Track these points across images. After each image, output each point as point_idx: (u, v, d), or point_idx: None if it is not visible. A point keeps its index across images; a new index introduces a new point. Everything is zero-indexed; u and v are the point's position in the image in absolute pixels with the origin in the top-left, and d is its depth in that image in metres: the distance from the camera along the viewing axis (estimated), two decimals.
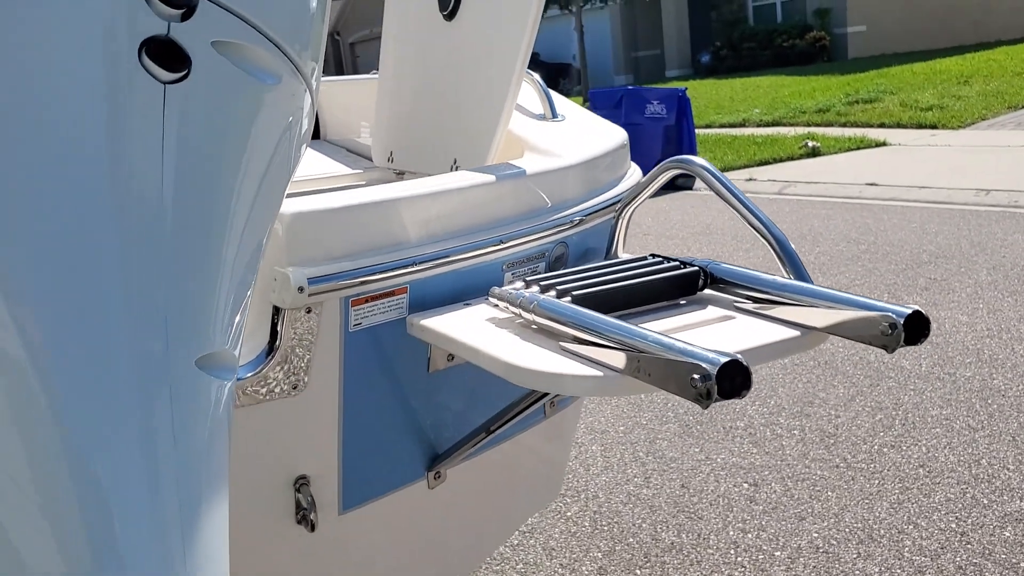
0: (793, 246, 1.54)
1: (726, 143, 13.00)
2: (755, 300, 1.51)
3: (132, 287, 0.79)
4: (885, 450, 3.86)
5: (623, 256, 1.90)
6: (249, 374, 1.49)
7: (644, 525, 3.48)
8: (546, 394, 1.67)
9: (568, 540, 3.43)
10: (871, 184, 9.64)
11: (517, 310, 1.50)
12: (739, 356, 1.12)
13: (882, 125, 13.21)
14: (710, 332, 1.42)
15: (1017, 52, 18.75)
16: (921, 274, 6.26)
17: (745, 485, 3.72)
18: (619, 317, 1.39)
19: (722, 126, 15.10)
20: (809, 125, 13.97)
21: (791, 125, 14.19)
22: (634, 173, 2.14)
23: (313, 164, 2.88)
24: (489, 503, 2.11)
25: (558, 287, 1.51)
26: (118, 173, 0.79)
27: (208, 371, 0.85)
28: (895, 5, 23.34)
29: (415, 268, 1.58)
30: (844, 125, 13.62)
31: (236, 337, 0.92)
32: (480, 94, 2.07)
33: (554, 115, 2.24)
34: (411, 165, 2.40)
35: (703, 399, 1.10)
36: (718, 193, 1.62)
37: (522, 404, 1.72)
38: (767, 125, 14.56)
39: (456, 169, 2.15)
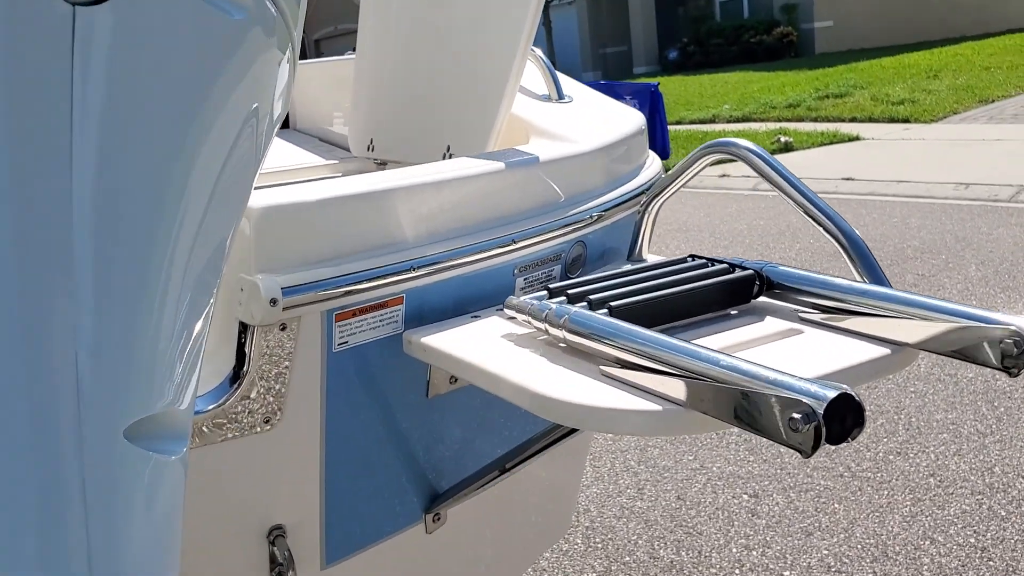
0: (866, 244, 1.29)
1: (697, 139, 12.82)
2: (823, 309, 1.26)
3: (26, 319, 0.52)
4: (891, 458, 3.66)
5: (649, 258, 1.64)
6: (211, 406, 1.21)
7: (640, 542, 3.26)
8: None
9: (560, 560, 3.20)
10: (847, 179, 9.50)
11: (542, 325, 1.23)
12: (849, 389, 0.87)
13: (854, 119, 13.11)
14: (776, 350, 1.17)
15: (983, 47, 18.80)
16: (908, 270, 6.10)
17: (745, 496, 3.50)
18: (663, 332, 1.13)
19: (692, 122, 14.94)
20: (780, 120, 13.84)
21: (762, 120, 14.05)
22: (654, 163, 1.88)
23: (281, 155, 2.58)
24: (495, 545, 1.84)
25: (590, 296, 1.24)
26: (4, 149, 0.51)
27: (145, 444, 0.57)
28: (862, 0, 23.40)
29: (413, 273, 1.32)
30: (815, 120, 13.51)
31: (185, 386, 0.64)
32: (478, 71, 1.80)
33: (560, 96, 1.98)
34: (395, 154, 2.12)
35: (806, 445, 0.85)
36: (772, 182, 1.37)
37: (548, 438, 1.45)
38: (737, 121, 14.41)
39: (450, 157, 1.88)
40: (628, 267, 1.43)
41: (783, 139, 11.74)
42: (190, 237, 0.65)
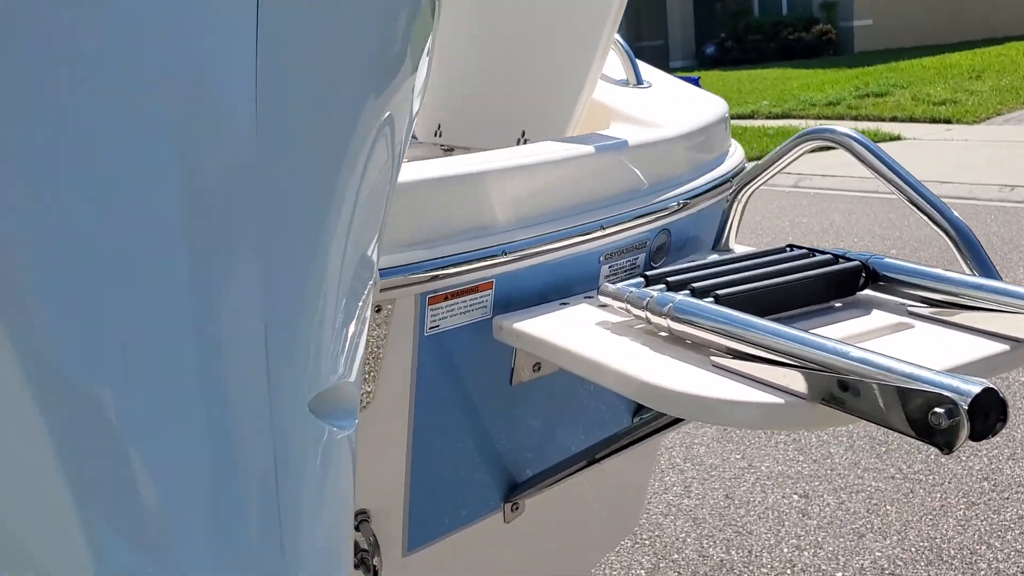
0: (976, 238, 1.24)
1: (736, 134, 12.63)
2: (932, 303, 1.22)
3: (216, 286, 0.50)
4: (943, 460, 3.59)
5: (736, 248, 1.60)
6: None
7: (689, 540, 3.22)
8: (678, 420, 1.37)
9: (607, 556, 3.17)
10: None
11: (642, 313, 1.19)
12: (991, 383, 0.83)
13: (894, 119, 12.95)
14: (887, 345, 1.13)
15: None
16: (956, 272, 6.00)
17: (795, 496, 3.46)
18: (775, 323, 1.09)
19: (731, 118, 14.82)
20: (819, 118, 13.68)
21: (801, 118, 13.91)
22: (736, 151, 1.84)
23: None
24: (569, 537, 1.81)
25: (693, 284, 1.21)
26: (188, 109, 0.49)
27: (327, 418, 0.55)
28: None
29: (504, 258, 1.28)
30: (856, 119, 13.35)
31: (353, 359, 0.61)
32: (561, 53, 1.76)
33: (639, 81, 1.93)
34: (464, 139, 2.08)
35: (948, 442, 0.82)
36: (875, 170, 1.33)
37: (642, 431, 1.41)
38: (777, 117, 14.28)
39: (525, 143, 1.85)
40: (721, 256, 1.39)
41: None
42: (344, 230, 0.63)
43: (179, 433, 0.50)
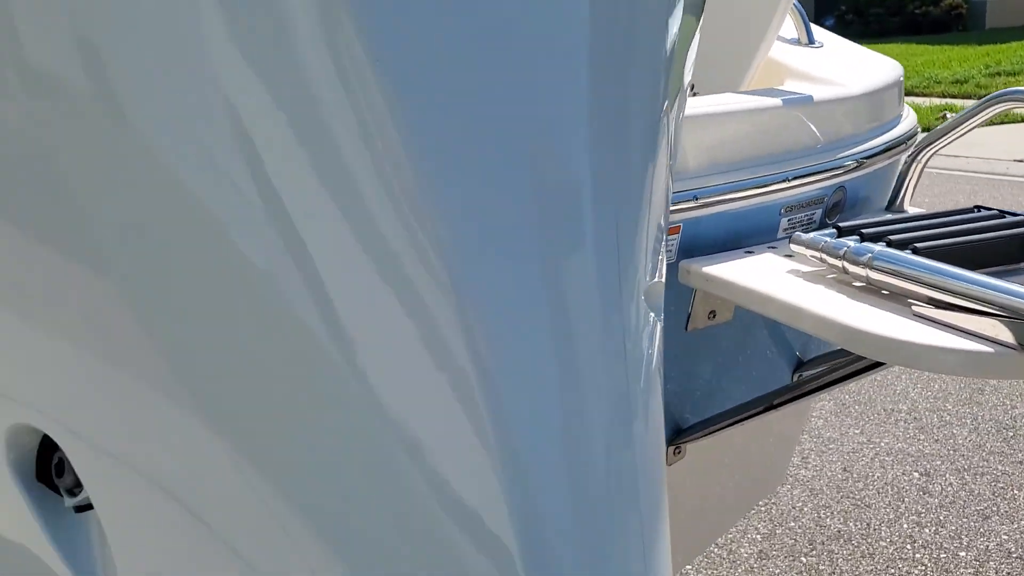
0: None
1: None
2: None
3: (590, 213, 0.60)
4: None
5: (909, 209, 1.61)
6: None
7: (806, 509, 3.22)
8: (863, 370, 1.39)
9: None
10: (1019, 161, 9.02)
11: (838, 262, 1.22)
12: None
13: None
14: None
15: None
16: None
17: (915, 474, 3.42)
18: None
19: None
20: (945, 96, 13.20)
21: (925, 95, 13.43)
22: (910, 115, 1.83)
23: None
24: (723, 486, 1.85)
25: (890, 237, 1.23)
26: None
27: (652, 309, 0.62)
28: None
29: (694, 203, 1.32)
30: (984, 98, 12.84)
31: (662, 265, 0.69)
32: (739, 8, 1.77)
33: (811, 40, 1.93)
34: None
35: None
36: None
37: (808, 386, 1.44)
38: None
39: (694, 95, 1.86)
40: (899, 215, 1.40)
41: (950, 116, 11.21)
42: (648, 197, 0.72)
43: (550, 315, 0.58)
